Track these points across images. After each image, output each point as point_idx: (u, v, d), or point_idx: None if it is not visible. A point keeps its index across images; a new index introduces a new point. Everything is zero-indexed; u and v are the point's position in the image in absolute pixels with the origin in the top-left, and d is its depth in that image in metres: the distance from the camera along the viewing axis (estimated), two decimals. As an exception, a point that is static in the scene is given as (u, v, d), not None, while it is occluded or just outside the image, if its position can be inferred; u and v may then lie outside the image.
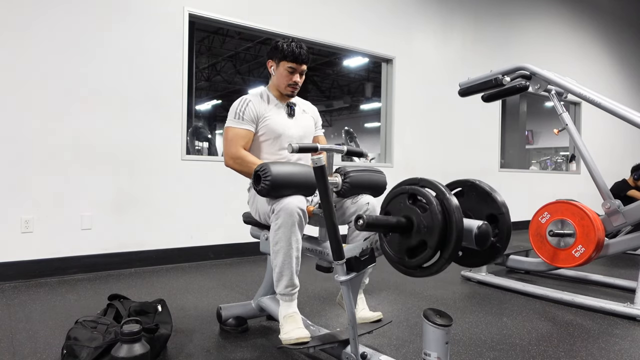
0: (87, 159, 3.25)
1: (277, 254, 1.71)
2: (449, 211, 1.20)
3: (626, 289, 3.06)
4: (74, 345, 1.64)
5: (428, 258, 1.24)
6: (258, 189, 1.67)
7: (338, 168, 1.87)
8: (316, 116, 2.22)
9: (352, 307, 1.51)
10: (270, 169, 1.64)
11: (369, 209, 1.86)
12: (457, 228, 1.18)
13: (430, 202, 1.22)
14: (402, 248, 1.31)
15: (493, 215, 1.36)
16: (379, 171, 1.96)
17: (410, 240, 1.28)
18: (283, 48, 1.97)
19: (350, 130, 7.61)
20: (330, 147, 1.73)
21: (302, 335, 1.64)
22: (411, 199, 1.29)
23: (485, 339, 2.09)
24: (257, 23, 4.02)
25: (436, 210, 1.21)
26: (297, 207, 1.67)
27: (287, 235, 1.68)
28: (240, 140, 1.95)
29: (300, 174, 1.71)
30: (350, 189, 1.82)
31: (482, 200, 1.38)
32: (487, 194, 1.37)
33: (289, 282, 1.73)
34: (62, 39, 3.15)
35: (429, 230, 1.22)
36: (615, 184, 4.92)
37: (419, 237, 1.26)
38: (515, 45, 6.30)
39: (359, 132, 12.12)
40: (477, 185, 1.39)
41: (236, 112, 1.98)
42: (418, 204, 1.28)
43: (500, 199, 1.36)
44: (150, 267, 3.47)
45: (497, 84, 2.85)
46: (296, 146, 1.57)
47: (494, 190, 1.38)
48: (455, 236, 1.18)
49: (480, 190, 1.39)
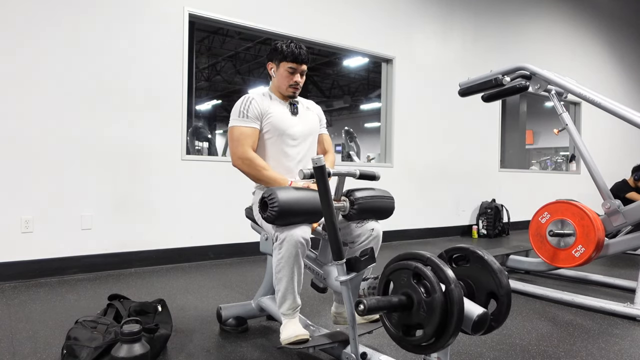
0: (87, 159, 3.25)
1: (280, 280, 1.72)
2: (452, 301, 1.19)
3: (626, 289, 3.05)
4: (74, 345, 1.64)
5: (425, 341, 1.24)
6: (264, 216, 1.65)
7: (347, 191, 1.83)
8: (320, 114, 2.21)
9: (352, 307, 1.51)
10: (277, 197, 1.61)
11: (372, 235, 1.86)
12: (457, 319, 1.19)
13: (434, 290, 1.21)
14: (400, 324, 1.32)
15: (494, 294, 1.35)
16: (389, 197, 1.92)
17: (409, 319, 1.28)
18: (282, 49, 1.96)
19: (350, 130, 7.61)
20: (343, 173, 1.70)
21: (301, 335, 1.64)
22: (415, 277, 1.28)
23: (486, 339, 2.09)
24: (257, 23, 4.02)
25: (439, 299, 1.20)
26: (300, 237, 1.66)
27: (289, 265, 1.69)
28: (247, 139, 1.93)
29: (309, 200, 1.68)
30: (357, 215, 1.81)
31: (487, 275, 1.35)
32: (494, 272, 1.34)
33: (292, 305, 1.75)
34: (62, 39, 3.15)
35: (428, 316, 1.22)
36: (615, 184, 4.92)
37: (418, 319, 1.25)
38: (515, 45, 6.30)
39: (359, 132, 12.12)
40: (486, 261, 1.37)
41: (240, 110, 1.96)
42: (422, 282, 1.26)
43: (505, 282, 1.33)
44: (150, 267, 3.47)
45: (497, 84, 2.85)
46: (308, 172, 1.52)
47: (501, 271, 1.35)
48: (454, 327, 1.19)
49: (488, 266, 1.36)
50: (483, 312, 1.26)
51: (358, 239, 1.87)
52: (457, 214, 5.65)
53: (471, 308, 1.27)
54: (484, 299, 1.36)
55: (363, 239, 1.86)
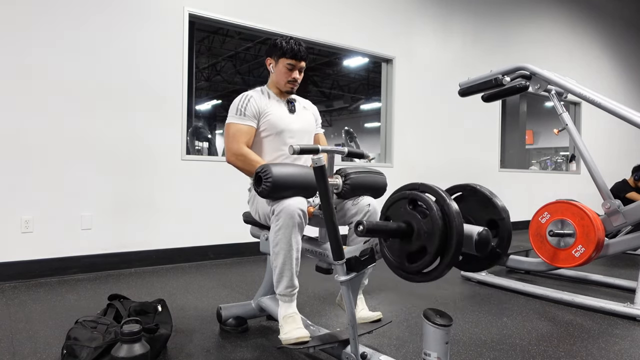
0: (87, 159, 3.25)
1: (277, 255, 1.71)
2: (449, 217, 1.19)
3: (626, 289, 3.06)
4: (74, 345, 1.64)
5: (428, 264, 1.23)
6: (259, 190, 1.66)
7: (339, 169, 1.86)
8: (316, 114, 2.23)
9: (352, 307, 1.51)
10: (271, 171, 1.63)
11: (369, 211, 1.86)
12: (457, 234, 1.18)
13: (431, 208, 1.21)
14: (402, 253, 1.31)
15: (493, 220, 1.35)
16: (380, 172, 1.95)
17: (410, 245, 1.28)
18: (282, 45, 1.99)
19: (350, 130, 7.62)
20: (331, 149, 1.72)
21: (302, 335, 1.64)
22: (411, 204, 1.28)
23: (485, 339, 2.09)
24: (257, 23, 4.02)
25: (436, 215, 1.20)
26: (297, 208, 1.67)
27: (287, 237, 1.68)
28: (242, 136, 1.94)
29: (301, 175, 1.71)
30: (350, 191, 1.82)
31: (482, 205, 1.37)
32: (487, 198, 1.36)
33: (289, 283, 1.73)
34: (62, 39, 3.15)
35: (429, 236, 1.22)
36: (615, 184, 4.92)
37: (419, 243, 1.25)
38: (515, 45, 6.30)
39: (359, 132, 12.13)
40: (478, 190, 1.38)
41: (237, 108, 1.98)
42: (418, 209, 1.27)
43: (500, 204, 1.35)
44: (150, 267, 3.47)
45: (497, 84, 2.85)
46: (297, 148, 1.56)
47: (494, 195, 1.37)
48: (455, 242, 1.18)
49: (481, 195, 1.38)
50: (483, 229, 1.26)
51: (356, 217, 1.87)
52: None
53: (471, 229, 1.27)
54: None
55: (361, 216, 1.86)
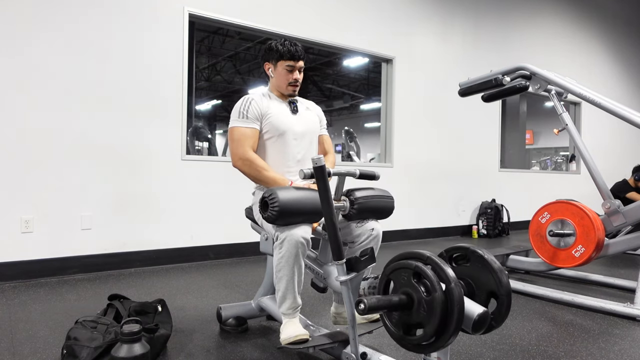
0: (88, 159, 3.25)
1: (280, 280, 1.72)
2: (452, 301, 1.19)
3: (626, 289, 3.05)
4: (74, 345, 1.64)
5: (426, 340, 1.24)
6: (265, 216, 1.65)
7: (347, 191, 1.84)
8: (321, 115, 2.21)
9: (352, 307, 1.51)
10: (278, 197, 1.61)
11: (372, 235, 1.86)
12: (457, 319, 1.19)
13: (434, 290, 1.21)
14: (400, 323, 1.31)
15: (494, 293, 1.35)
16: (388, 197, 1.93)
17: (410, 318, 1.28)
18: (278, 48, 1.98)
19: (350, 130, 7.62)
20: (343, 173, 1.70)
21: (301, 334, 1.64)
22: (415, 277, 1.28)
23: (486, 339, 2.09)
24: (257, 23, 4.02)
25: (439, 298, 1.19)
26: (301, 237, 1.66)
27: (289, 265, 1.69)
28: (247, 140, 1.93)
29: (309, 200, 1.68)
30: (357, 214, 1.81)
31: (487, 274, 1.35)
32: (494, 271, 1.34)
33: (292, 304, 1.75)
34: (62, 39, 3.15)
35: (429, 316, 1.22)
36: (615, 184, 4.93)
37: (418, 318, 1.25)
38: (515, 45, 6.30)
39: (359, 132, 12.13)
40: (486, 260, 1.37)
41: (240, 111, 1.96)
42: (422, 282, 1.26)
43: (505, 281, 1.33)
44: (150, 267, 3.47)
45: (497, 84, 2.85)
46: (308, 172, 1.52)
47: (501, 270, 1.35)
48: (454, 327, 1.19)
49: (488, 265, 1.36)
50: (483, 312, 1.26)
51: (358, 239, 1.87)
52: (457, 214, 5.65)
53: (471, 307, 1.27)
54: (484, 298, 1.36)
55: (363, 239, 1.86)
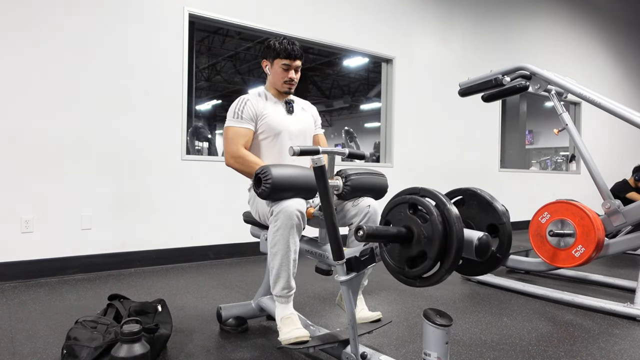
0: (87, 159, 3.25)
1: (275, 256, 1.71)
2: (450, 221, 1.19)
3: (626, 289, 3.06)
4: (74, 345, 1.64)
5: (428, 268, 1.23)
6: (258, 191, 1.66)
7: (339, 170, 1.86)
8: (315, 115, 2.23)
9: (352, 307, 1.51)
10: (271, 172, 1.63)
11: (369, 212, 1.86)
12: (457, 239, 1.18)
13: (431, 212, 1.21)
14: (402, 258, 1.30)
15: (494, 225, 1.35)
16: (380, 174, 1.95)
17: (411, 250, 1.28)
18: (276, 46, 2.00)
19: (350, 130, 7.63)
20: (331, 150, 1.72)
21: (301, 335, 1.64)
22: (411, 208, 1.28)
23: (485, 339, 2.09)
24: (257, 23, 4.02)
25: (436, 220, 1.20)
26: (296, 209, 1.67)
27: (285, 238, 1.68)
28: (240, 139, 1.95)
29: (301, 176, 1.70)
30: (351, 192, 1.81)
31: (483, 210, 1.37)
32: (488, 203, 1.35)
33: (286, 284, 1.73)
34: (62, 39, 3.15)
35: (429, 241, 1.21)
36: (615, 184, 4.93)
37: (419, 248, 1.25)
38: (515, 45, 6.30)
39: (359, 132, 12.13)
40: (478, 194, 1.38)
41: (235, 111, 1.99)
42: (418, 213, 1.27)
43: (501, 209, 1.34)
44: (150, 267, 3.47)
45: (497, 84, 2.85)
46: (297, 149, 1.55)
47: (494, 199, 1.36)
48: (455, 247, 1.18)
49: (481, 199, 1.37)
50: (484, 235, 1.26)
51: (356, 219, 1.88)
52: (457, 214, 5.64)
53: (471, 234, 1.27)
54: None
55: (361, 217, 1.86)
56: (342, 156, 1.76)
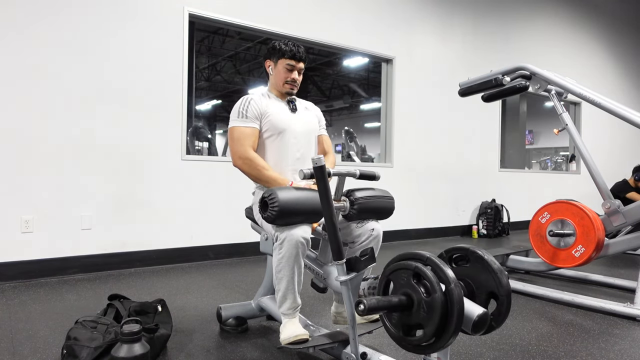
0: (87, 159, 3.25)
1: (281, 280, 1.72)
2: (452, 301, 1.19)
3: (626, 289, 3.05)
4: (74, 345, 1.64)
5: (425, 340, 1.24)
6: (265, 216, 1.65)
7: (347, 191, 1.84)
8: (319, 115, 2.22)
9: (352, 307, 1.51)
10: (278, 197, 1.61)
11: (372, 235, 1.86)
12: (457, 319, 1.19)
13: (434, 290, 1.21)
14: (399, 324, 1.31)
15: (494, 294, 1.35)
16: (389, 197, 1.93)
17: (410, 319, 1.28)
18: (281, 47, 2.01)
19: (350, 130, 7.63)
20: (343, 173, 1.70)
21: (301, 334, 1.64)
22: (415, 277, 1.28)
23: (486, 339, 2.09)
24: (257, 23, 4.02)
25: (439, 300, 1.19)
26: (301, 237, 1.66)
27: (290, 264, 1.69)
28: (247, 139, 1.94)
29: (308, 200, 1.68)
30: (357, 215, 1.81)
31: (487, 275, 1.35)
32: (494, 272, 1.34)
33: (292, 304, 1.75)
34: (62, 39, 3.15)
35: (429, 316, 1.22)
36: (615, 184, 4.93)
37: (418, 319, 1.25)
38: (515, 45, 6.30)
39: (359, 132, 12.12)
40: (485, 261, 1.36)
41: (239, 111, 1.98)
42: (422, 282, 1.26)
43: (505, 282, 1.33)
44: (150, 267, 3.47)
45: (497, 84, 2.85)
46: (308, 172, 1.52)
47: (501, 271, 1.34)
48: (454, 327, 1.19)
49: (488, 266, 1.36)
50: (483, 312, 1.26)
51: (358, 239, 1.88)
52: (457, 214, 5.65)
53: (471, 308, 1.27)
54: (484, 299, 1.36)
55: (363, 239, 1.87)
56: (354, 177, 1.72)
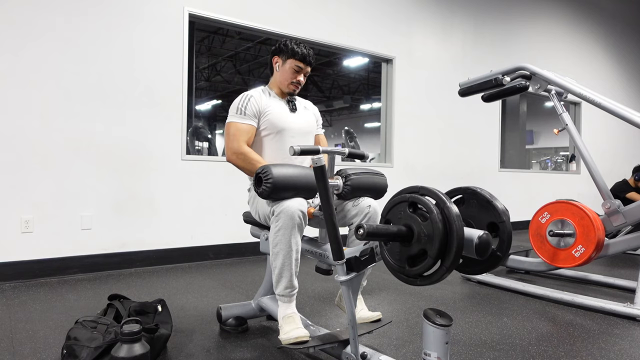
0: (87, 159, 3.25)
1: (277, 255, 1.71)
2: (450, 220, 1.19)
3: (626, 289, 3.06)
4: (74, 345, 1.64)
5: (428, 267, 1.22)
6: (259, 191, 1.66)
7: (339, 170, 1.86)
8: (317, 114, 2.24)
9: (352, 307, 1.51)
10: (271, 171, 1.63)
11: (369, 212, 1.86)
12: (457, 237, 1.17)
13: (431, 211, 1.21)
14: (403, 257, 1.30)
15: (494, 223, 1.35)
16: (380, 173, 1.95)
17: (411, 249, 1.27)
18: (293, 47, 2.02)
19: (350, 130, 7.63)
20: (331, 150, 1.72)
21: (301, 335, 1.64)
22: (411, 207, 1.28)
23: (485, 339, 2.09)
24: (257, 23, 4.02)
25: (436, 219, 1.19)
26: (297, 209, 1.67)
27: (287, 238, 1.68)
28: (243, 135, 1.95)
29: (302, 176, 1.70)
30: (351, 192, 1.82)
31: (483, 208, 1.37)
32: (487, 201, 1.35)
33: (288, 284, 1.73)
34: (62, 38, 3.15)
35: (430, 239, 1.21)
36: (615, 184, 4.93)
37: (420, 246, 1.25)
38: (515, 45, 6.30)
39: (359, 132, 12.14)
40: (478, 193, 1.38)
41: (238, 107, 1.98)
42: (419, 212, 1.26)
43: (501, 207, 1.34)
44: (150, 267, 3.47)
45: (497, 84, 2.85)
46: (298, 148, 1.56)
47: (494, 198, 1.36)
48: (455, 245, 1.17)
49: (481, 197, 1.37)
50: (484, 233, 1.26)
51: (356, 219, 1.88)
52: (457, 214, 5.64)
53: (471, 233, 1.27)
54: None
55: (361, 217, 1.87)
56: (342, 155, 1.77)
